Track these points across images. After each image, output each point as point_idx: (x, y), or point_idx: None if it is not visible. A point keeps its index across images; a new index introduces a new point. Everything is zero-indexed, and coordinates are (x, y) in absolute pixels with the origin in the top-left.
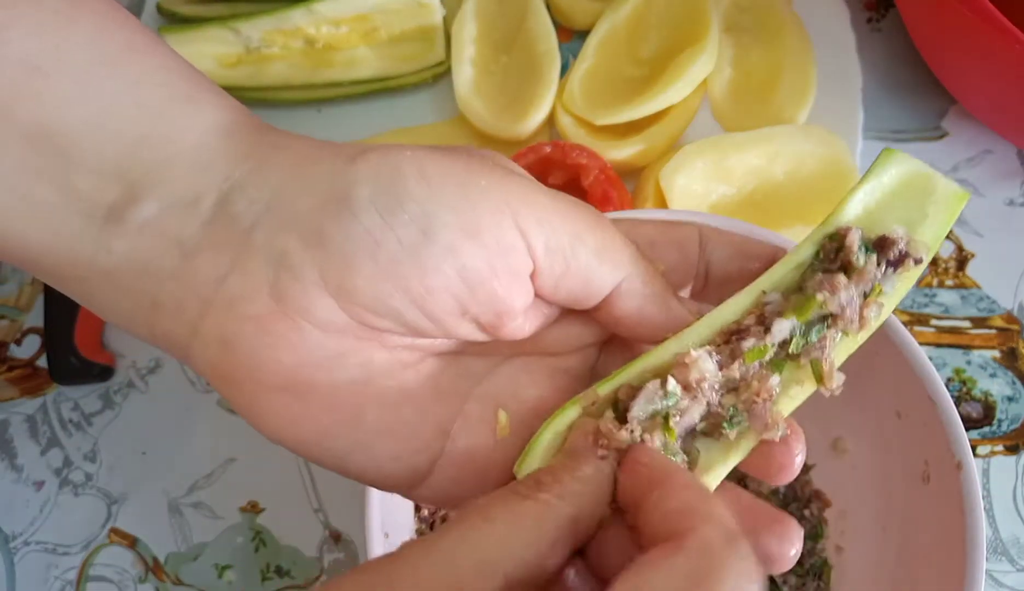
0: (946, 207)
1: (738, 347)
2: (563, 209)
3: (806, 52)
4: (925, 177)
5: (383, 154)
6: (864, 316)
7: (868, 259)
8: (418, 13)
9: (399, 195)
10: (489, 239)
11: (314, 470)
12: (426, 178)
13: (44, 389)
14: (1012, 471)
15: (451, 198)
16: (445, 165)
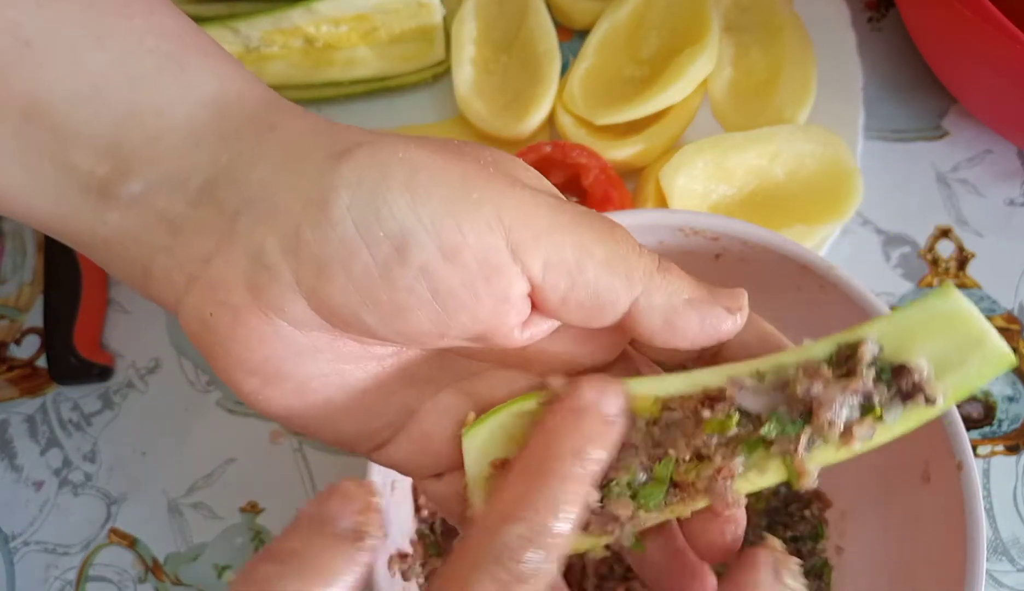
0: (988, 365)
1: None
2: (567, 221)
3: (806, 52)
4: (978, 328)
5: (373, 153)
6: (852, 432)
7: (869, 374)
8: (418, 13)
9: (377, 207)
10: (470, 260)
11: (314, 470)
12: (411, 188)
13: (44, 389)
14: (1012, 471)
15: (434, 213)
16: (438, 172)
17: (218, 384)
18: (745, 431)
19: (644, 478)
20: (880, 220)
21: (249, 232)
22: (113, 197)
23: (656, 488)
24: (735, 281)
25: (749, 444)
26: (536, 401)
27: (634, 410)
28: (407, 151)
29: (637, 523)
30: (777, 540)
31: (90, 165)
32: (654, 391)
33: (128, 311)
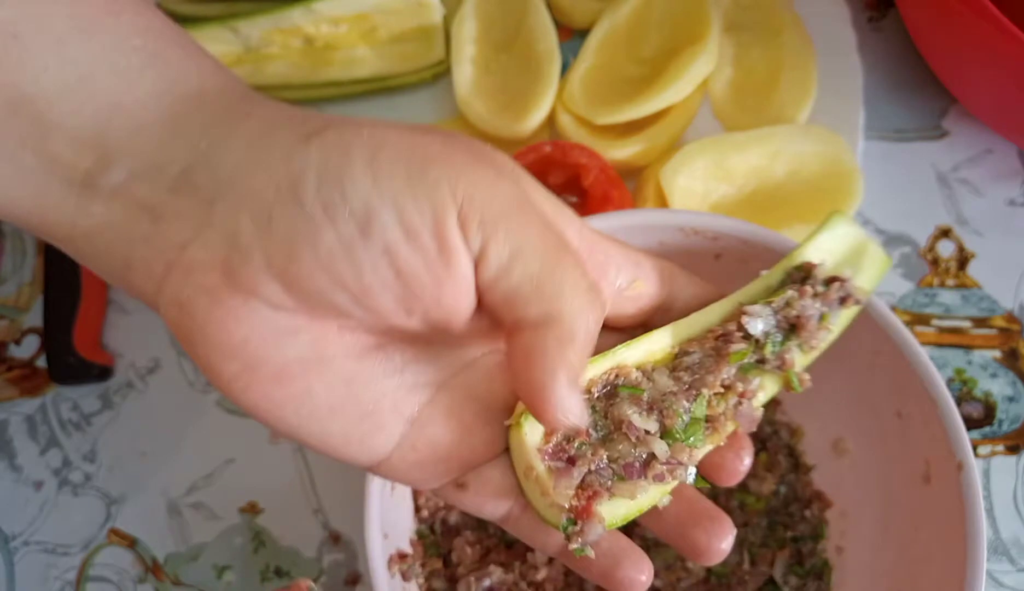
0: (876, 267)
1: (725, 348)
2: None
3: (807, 51)
4: (863, 241)
5: (339, 133)
6: (816, 337)
7: (829, 287)
8: (418, 12)
9: (343, 186)
10: (428, 241)
11: (314, 470)
12: (373, 167)
13: (43, 389)
14: (1013, 471)
15: (395, 191)
16: (402, 150)
17: None
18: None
19: (685, 421)
20: (880, 220)
21: (225, 215)
22: (96, 188)
23: (696, 427)
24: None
25: (749, 367)
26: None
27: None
28: (372, 130)
29: (694, 461)
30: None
31: (73, 157)
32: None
33: (128, 311)
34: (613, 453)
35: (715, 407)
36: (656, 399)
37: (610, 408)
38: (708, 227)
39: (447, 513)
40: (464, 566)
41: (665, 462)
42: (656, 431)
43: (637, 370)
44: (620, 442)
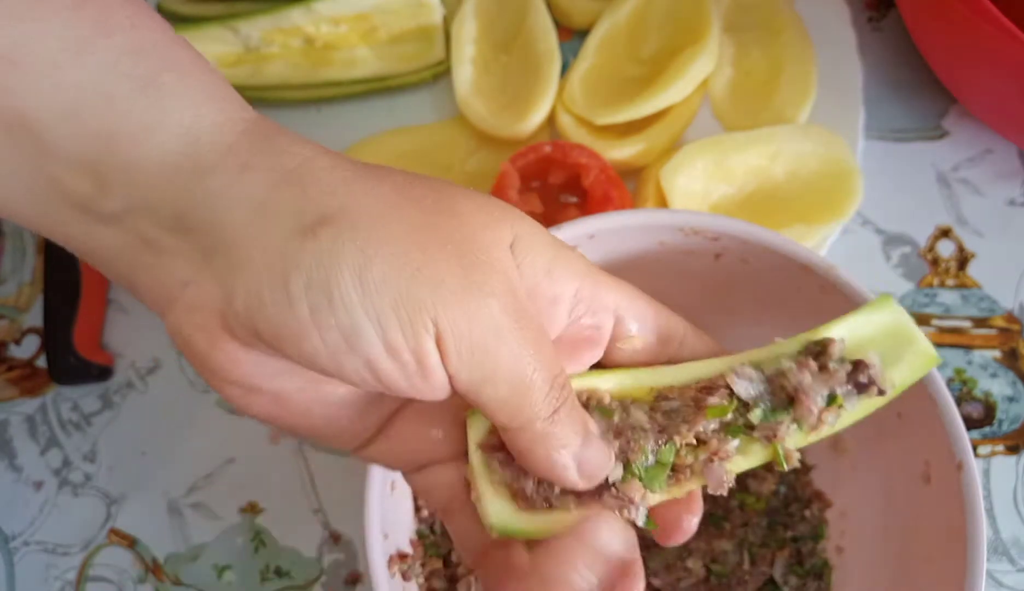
0: (919, 362)
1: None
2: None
3: (807, 51)
4: (910, 331)
5: (335, 236)
6: (821, 418)
7: (842, 368)
8: (418, 12)
9: (332, 297)
10: (408, 359)
11: (314, 470)
12: (363, 283)
13: (43, 389)
14: (1012, 471)
15: (381, 311)
16: (392, 267)
17: None
18: (735, 417)
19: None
20: (880, 220)
21: (222, 272)
22: (96, 214)
23: (659, 471)
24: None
25: (735, 429)
26: None
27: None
28: (369, 232)
29: (646, 503)
30: None
31: (72, 181)
32: (651, 382)
33: (128, 311)
34: None
35: (683, 458)
36: (624, 429)
37: None
38: (708, 227)
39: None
40: (464, 566)
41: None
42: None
43: (613, 399)
44: None
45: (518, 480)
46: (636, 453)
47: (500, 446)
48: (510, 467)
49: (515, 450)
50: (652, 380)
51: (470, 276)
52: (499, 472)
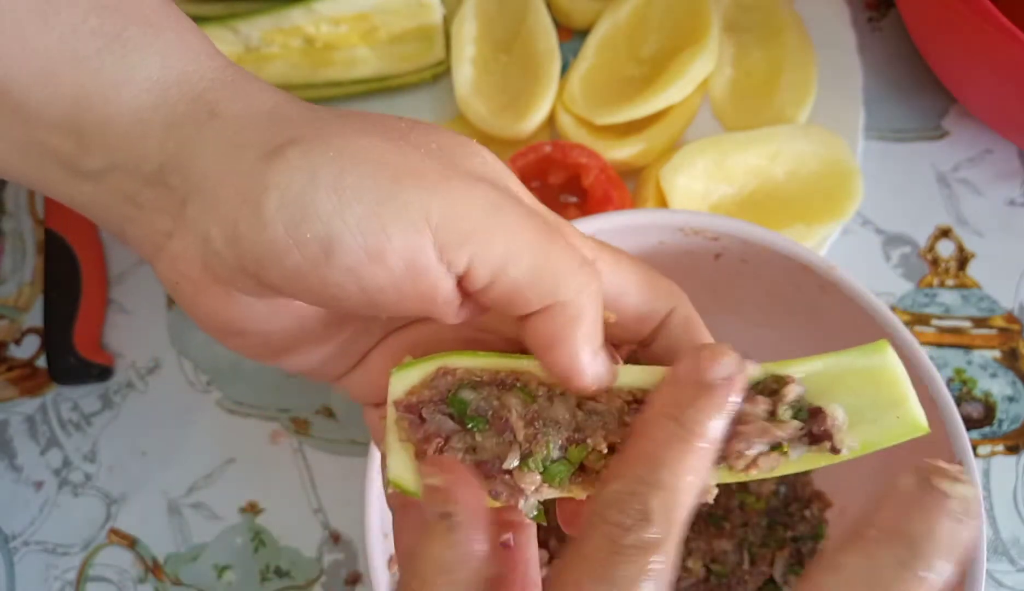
0: (899, 428)
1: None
2: (502, 221)
3: (807, 52)
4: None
5: (304, 152)
6: (756, 462)
7: (786, 414)
8: (418, 12)
9: (305, 209)
10: (395, 262)
11: (314, 470)
12: (338, 190)
13: (43, 389)
14: (1012, 471)
15: (360, 215)
16: (369, 170)
17: (218, 384)
18: None
19: (558, 455)
20: (880, 220)
21: (196, 218)
22: (81, 172)
23: (565, 468)
24: (735, 281)
25: None
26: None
27: (562, 389)
28: (341, 146)
29: (540, 495)
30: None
31: (55, 142)
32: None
33: (128, 311)
34: (472, 440)
35: (594, 463)
36: (537, 419)
37: (499, 393)
38: (708, 227)
39: None
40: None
41: (507, 482)
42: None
43: (542, 385)
44: (486, 436)
45: (423, 443)
46: (539, 446)
47: (414, 407)
48: (418, 428)
49: (542, 340)
50: None
51: (454, 168)
52: (407, 431)
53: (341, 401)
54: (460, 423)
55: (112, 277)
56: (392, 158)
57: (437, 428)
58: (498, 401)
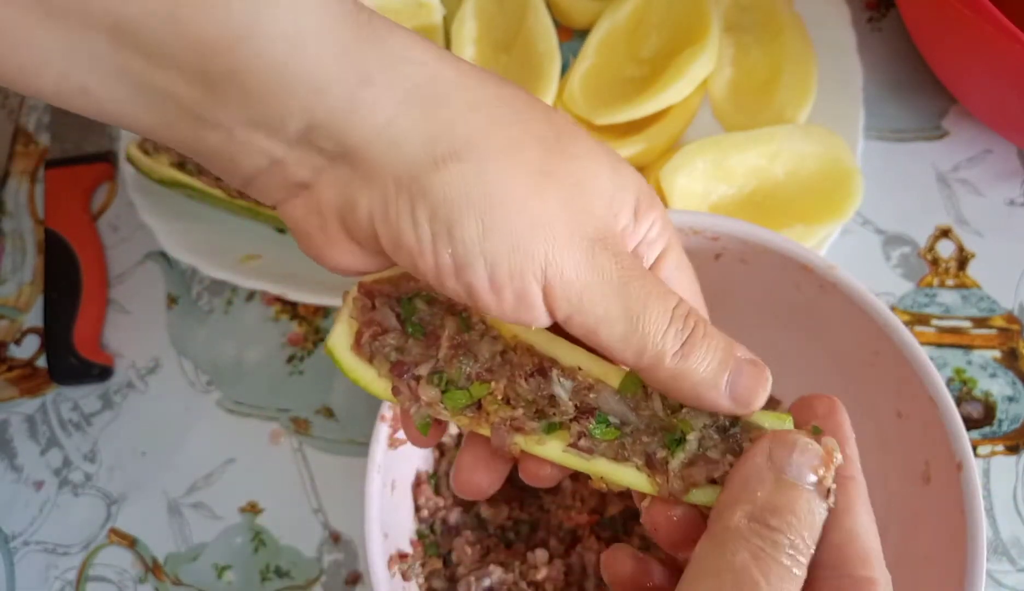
0: None
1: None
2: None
3: (807, 52)
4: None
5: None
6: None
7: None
8: (418, 13)
9: (452, 229)
10: (509, 296)
11: (314, 470)
12: (484, 224)
13: (43, 389)
14: (1012, 471)
15: (494, 251)
16: (512, 213)
17: (218, 384)
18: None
19: (463, 384)
20: (880, 220)
21: (348, 181)
22: (211, 122)
23: (463, 397)
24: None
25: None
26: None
27: (499, 331)
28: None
29: (431, 410)
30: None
31: (184, 89)
32: (518, 331)
33: (128, 311)
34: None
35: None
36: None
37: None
38: (708, 227)
39: (447, 513)
40: (464, 566)
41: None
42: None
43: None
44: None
45: (363, 327)
46: (452, 369)
47: (371, 294)
48: (365, 313)
49: (660, 387)
50: (523, 332)
51: (579, 223)
52: (357, 312)
53: (341, 401)
54: (401, 324)
55: (112, 277)
56: (534, 203)
57: (381, 319)
58: (440, 321)
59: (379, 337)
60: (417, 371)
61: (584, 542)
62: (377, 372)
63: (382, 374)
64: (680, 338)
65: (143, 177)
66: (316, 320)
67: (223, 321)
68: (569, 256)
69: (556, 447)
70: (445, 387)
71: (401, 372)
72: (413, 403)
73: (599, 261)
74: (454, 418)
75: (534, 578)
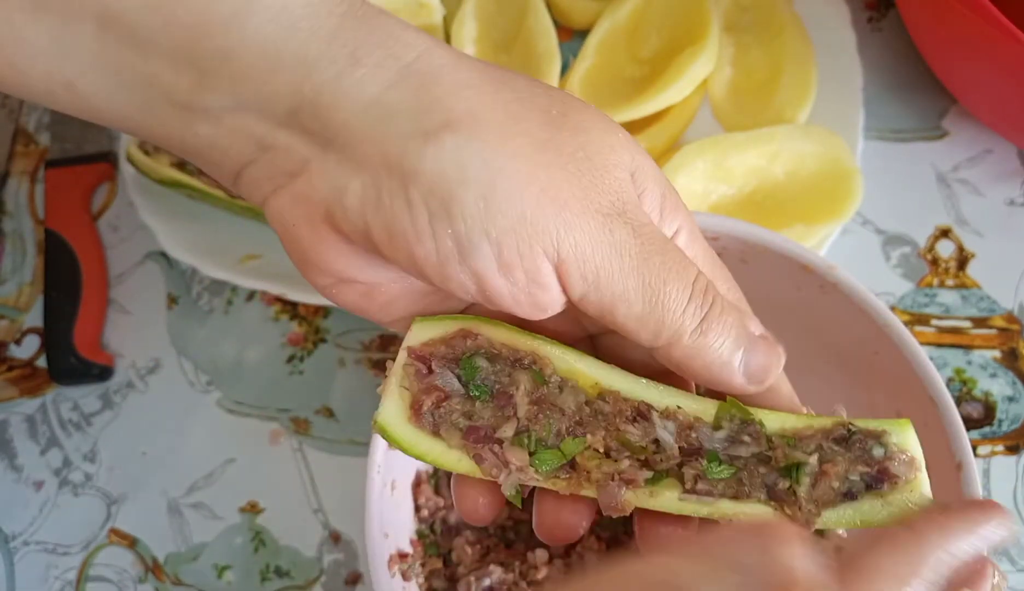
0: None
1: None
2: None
3: (806, 52)
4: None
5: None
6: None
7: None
8: (418, 13)
9: (451, 207)
10: (520, 277)
11: (314, 470)
12: (487, 199)
13: (43, 389)
14: (1012, 471)
15: (501, 229)
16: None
17: (218, 384)
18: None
19: (552, 442)
20: (880, 220)
21: (333, 169)
22: (200, 110)
23: (555, 456)
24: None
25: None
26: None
27: (576, 382)
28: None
29: (523, 476)
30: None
31: (172, 77)
32: (599, 378)
33: (128, 311)
34: (470, 407)
35: (587, 461)
36: (544, 401)
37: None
38: (708, 227)
39: (447, 513)
40: (464, 566)
41: (496, 451)
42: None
43: (556, 374)
44: (486, 406)
45: (421, 395)
46: (538, 426)
47: (426, 358)
48: (423, 379)
49: (672, 366)
50: (605, 378)
51: (591, 197)
52: (411, 379)
53: (341, 401)
54: (465, 388)
55: (112, 277)
56: (540, 173)
57: (442, 383)
58: (508, 377)
59: (443, 405)
60: (499, 434)
61: (584, 542)
62: (446, 443)
63: (453, 445)
64: (699, 315)
65: (143, 177)
66: (316, 320)
67: (223, 321)
68: (583, 230)
69: (671, 497)
70: (533, 447)
71: (478, 439)
72: (502, 471)
73: (617, 236)
74: (548, 481)
75: (534, 578)
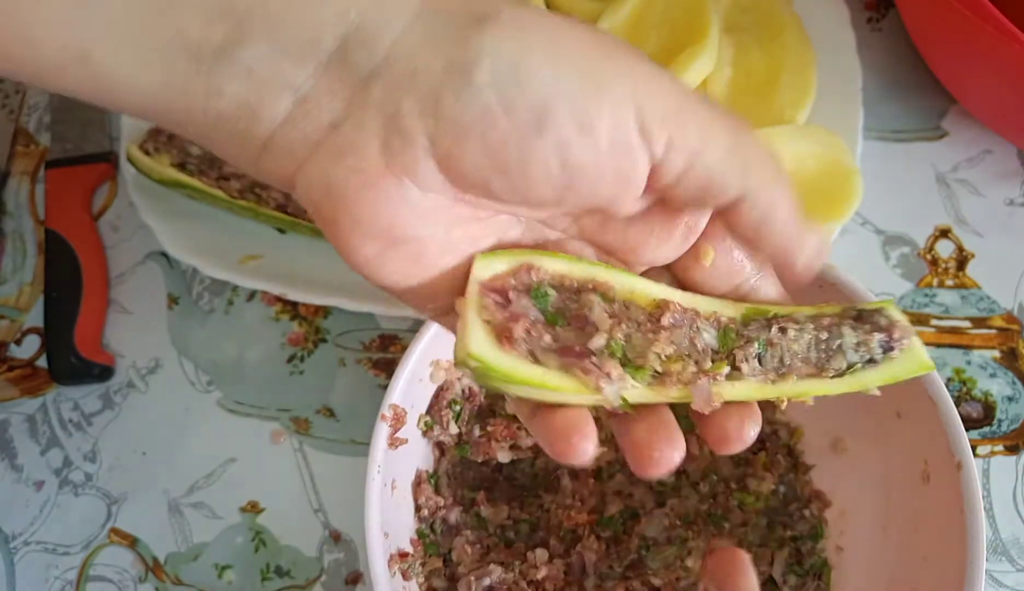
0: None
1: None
2: (694, 106)
3: (806, 52)
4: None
5: (515, 20)
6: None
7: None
8: None
9: (519, 76)
10: (603, 137)
11: (314, 470)
12: (554, 58)
13: (44, 389)
14: (1012, 471)
15: (574, 85)
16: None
17: (219, 384)
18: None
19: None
20: (880, 220)
21: (383, 95)
22: (231, 64)
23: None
24: None
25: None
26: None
27: (636, 302)
28: (547, 20)
29: (624, 384)
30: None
31: (203, 30)
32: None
33: (128, 311)
34: (553, 332)
35: (668, 365)
36: (619, 315)
37: (577, 298)
38: None
39: (447, 513)
40: (464, 565)
41: (596, 363)
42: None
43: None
44: (566, 331)
45: (510, 320)
46: (620, 334)
47: (502, 290)
48: (503, 310)
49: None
50: (661, 294)
51: (643, 57)
52: (491, 312)
53: (341, 401)
54: (542, 315)
55: (113, 277)
56: (593, 36)
57: (524, 311)
58: (577, 303)
59: (532, 330)
60: (592, 345)
61: (584, 541)
62: (543, 366)
63: (555, 364)
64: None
65: (144, 177)
66: (316, 320)
67: (224, 321)
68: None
69: (749, 383)
70: (622, 356)
71: (573, 355)
72: (606, 383)
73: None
74: (645, 392)
75: (534, 577)
